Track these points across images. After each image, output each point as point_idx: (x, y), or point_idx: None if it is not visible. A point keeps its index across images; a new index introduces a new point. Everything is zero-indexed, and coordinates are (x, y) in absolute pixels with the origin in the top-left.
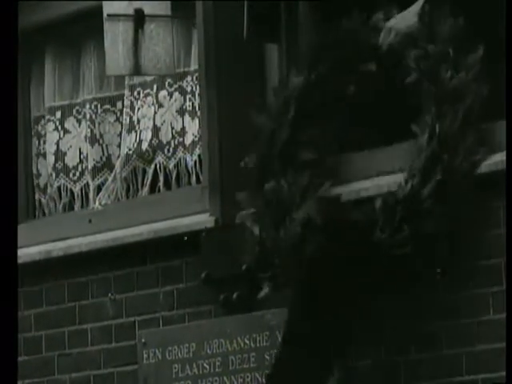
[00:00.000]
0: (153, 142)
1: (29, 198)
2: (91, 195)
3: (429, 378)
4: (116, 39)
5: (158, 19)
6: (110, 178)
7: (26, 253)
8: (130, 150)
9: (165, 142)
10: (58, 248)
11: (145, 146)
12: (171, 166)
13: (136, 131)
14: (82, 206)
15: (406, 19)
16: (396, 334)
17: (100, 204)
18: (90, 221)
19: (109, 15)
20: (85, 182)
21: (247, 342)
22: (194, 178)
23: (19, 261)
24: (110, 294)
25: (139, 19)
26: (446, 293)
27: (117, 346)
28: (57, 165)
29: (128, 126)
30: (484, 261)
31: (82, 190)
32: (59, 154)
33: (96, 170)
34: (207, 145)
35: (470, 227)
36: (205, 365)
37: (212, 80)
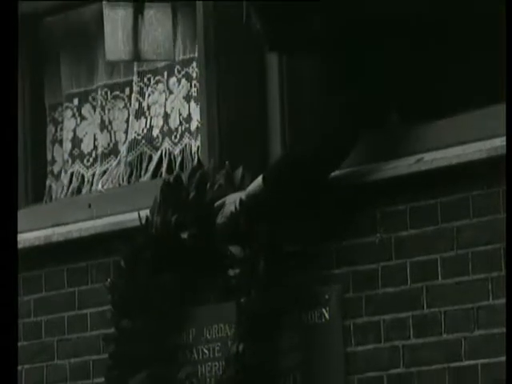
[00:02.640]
0: (164, 128)
1: (27, 183)
2: (95, 180)
3: (428, 362)
4: (116, 24)
5: (158, 4)
6: (115, 163)
7: (26, 238)
8: (138, 135)
9: (173, 129)
10: (57, 233)
11: (155, 132)
12: (177, 151)
13: (146, 117)
14: (90, 192)
15: None
16: (395, 319)
17: (102, 188)
18: (89, 206)
19: (108, 0)
20: (96, 168)
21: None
22: (196, 163)
23: (19, 246)
24: (109, 280)
25: (139, 4)
26: (446, 278)
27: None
28: (73, 151)
29: (137, 111)
30: (483, 246)
31: (93, 175)
32: (76, 141)
33: (103, 157)
34: (206, 131)
35: (468, 212)
36: (204, 350)
37: (211, 66)
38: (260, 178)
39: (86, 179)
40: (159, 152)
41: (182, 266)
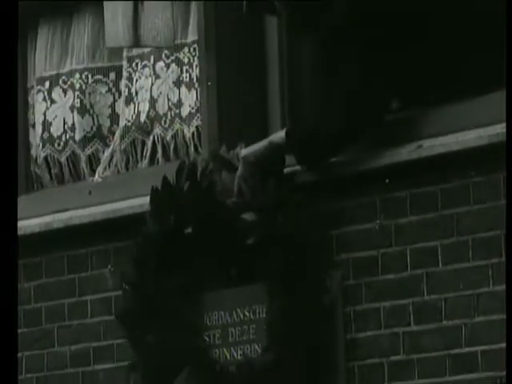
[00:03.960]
0: (150, 113)
1: (27, 169)
2: (83, 165)
3: (428, 349)
4: (116, 11)
5: None
6: (109, 150)
7: (26, 225)
8: (128, 121)
9: (161, 114)
10: (57, 220)
11: (143, 117)
12: (168, 137)
13: (134, 103)
14: (71, 175)
15: None
16: (395, 306)
17: (100, 176)
18: (90, 193)
19: None
20: (70, 151)
21: (247, 314)
22: (192, 150)
23: (19, 233)
24: (109, 266)
25: None
26: (446, 264)
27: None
28: (43, 135)
29: (126, 97)
30: (483, 232)
31: (68, 159)
32: (46, 124)
33: (86, 140)
34: (206, 118)
35: (468, 199)
36: (204, 337)
37: (211, 52)
38: (283, 132)
39: (62, 164)
40: (151, 137)
41: (191, 263)
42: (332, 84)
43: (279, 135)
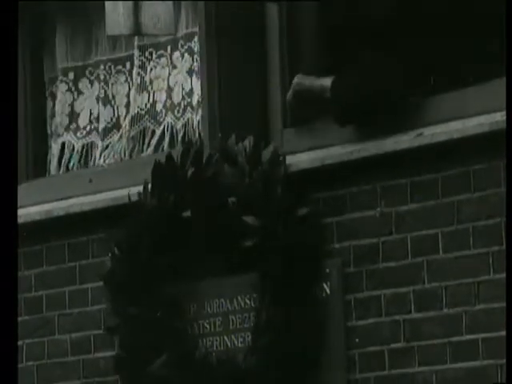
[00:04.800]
0: (167, 103)
1: (28, 158)
2: (98, 155)
3: (429, 337)
4: None
5: None
6: (117, 137)
7: (27, 212)
8: (141, 109)
9: (176, 103)
10: (58, 208)
11: (159, 107)
12: (179, 126)
13: (148, 92)
14: (87, 166)
15: None
16: (396, 293)
17: (104, 162)
18: (90, 180)
19: None
20: (90, 141)
21: (248, 301)
22: (197, 137)
23: (20, 220)
24: (110, 254)
25: None
26: (446, 252)
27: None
28: (71, 126)
29: (138, 85)
30: (484, 220)
31: (85, 148)
32: (74, 115)
33: (107, 131)
34: (207, 106)
35: (469, 186)
36: (205, 324)
37: (212, 40)
38: (329, 81)
39: (80, 153)
40: (162, 127)
41: (187, 246)
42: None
43: (326, 83)
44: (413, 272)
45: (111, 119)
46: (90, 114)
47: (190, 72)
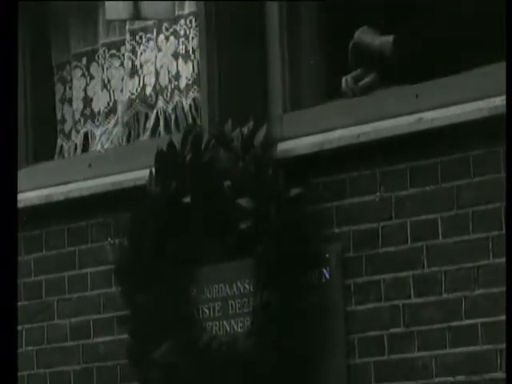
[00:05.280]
0: (156, 86)
1: (28, 142)
2: (96, 140)
3: (428, 322)
4: None
5: None
6: (112, 122)
7: (27, 197)
8: (132, 94)
9: (163, 86)
10: (58, 192)
11: (148, 90)
12: (169, 109)
13: (139, 76)
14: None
15: None
16: (395, 278)
17: (102, 148)
18: (89, 165)
19: None
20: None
21: (247, 286)
22: (190, 121)
23: (19, 205)
24: (109, 239)
25: None
26: (446, 237)
27: (117, 290)
28: (85, 111)
29: (130, 70)
30: (483, 205)
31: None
32: (87, 100)
33: (104, 116)
34: (206, 90)
35: (468, 171)
36: (205, 309)
37: (211, 23)
38: (391, 38)
39: (96, 138)
40: (155, 111)
41: (187, 231)
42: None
43: (387, 39)
44: (412, 257)
45: (108, 104)
46: (98, 99)
47: (175, 55)
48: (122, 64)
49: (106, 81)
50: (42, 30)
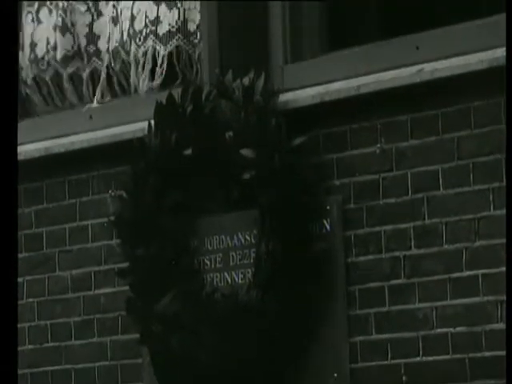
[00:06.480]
0: (130, 31)
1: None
2: (66, 85)
3: (429, 273)
4: None
5: None
6: (103, 74)
7: (27, 150)
8: (116, 42)
9: (137, 31)
10: (58, 145)
11: (125, 36)
12: (140, 54)
13: (119, 22)
14: (56, 95)
15: None
16: (396, 229)
17: (97, 101)
18: (90, 117)
19: None
20: (53, 71)
21: (248, 237)
22: (164, 68)
23: (19, 158)
24: (110, 191)
25: None
26: (447, 188)
27: (117, 243)
28: (31, 56)
29: (113, 18)
30: (484, 156)
31: (52, 79)
32: (33, 45)
33: (67, 59)
34: (207, 39)
35: (469, 123)
36: (205, 261)
37: None
38: None
39: (48, 83)
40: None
41: (188, 183)
42: None
43: None
44: (413, 208)
45: (72, 47)
46: (47, 43)
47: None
48: (88, 9)
49: (69, 25)
50: None
